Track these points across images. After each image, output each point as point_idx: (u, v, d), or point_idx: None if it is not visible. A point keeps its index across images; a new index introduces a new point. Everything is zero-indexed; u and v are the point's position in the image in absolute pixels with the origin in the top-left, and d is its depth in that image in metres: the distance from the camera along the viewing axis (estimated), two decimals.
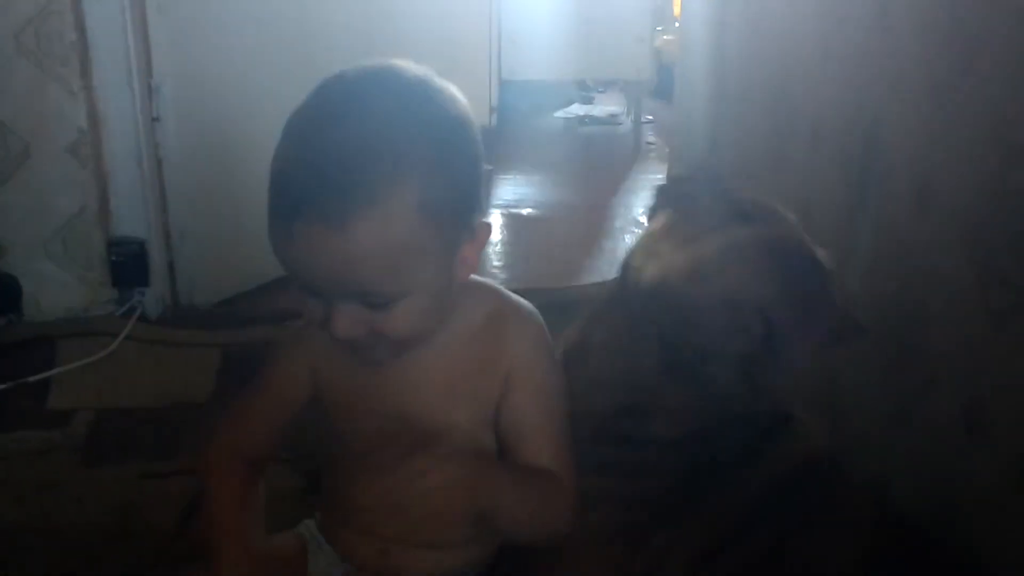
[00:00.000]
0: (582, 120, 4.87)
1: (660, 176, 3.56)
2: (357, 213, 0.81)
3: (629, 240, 3.03)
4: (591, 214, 3.35)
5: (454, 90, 0.93)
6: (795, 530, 0.98)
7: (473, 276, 0.98)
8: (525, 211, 3.36)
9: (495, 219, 3.29)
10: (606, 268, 2.77)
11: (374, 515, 1.02)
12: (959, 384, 1.10)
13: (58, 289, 2.16)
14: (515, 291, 1.05)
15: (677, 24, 4.51)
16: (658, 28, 4.42)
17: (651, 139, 4.36)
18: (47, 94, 2.04)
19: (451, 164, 0.87)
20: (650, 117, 4.50)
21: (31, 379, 1.90)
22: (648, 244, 1.04)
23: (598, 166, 4.10)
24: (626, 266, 1.06)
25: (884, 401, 1.29)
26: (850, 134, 1.42)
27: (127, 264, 2.17)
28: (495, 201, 3.46)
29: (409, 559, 1.05)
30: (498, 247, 3.06)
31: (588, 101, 5.09)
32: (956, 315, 1.11)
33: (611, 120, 4.82)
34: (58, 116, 2.06)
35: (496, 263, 2.87)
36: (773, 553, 0.97)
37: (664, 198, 1.10)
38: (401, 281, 0.86)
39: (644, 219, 1.14)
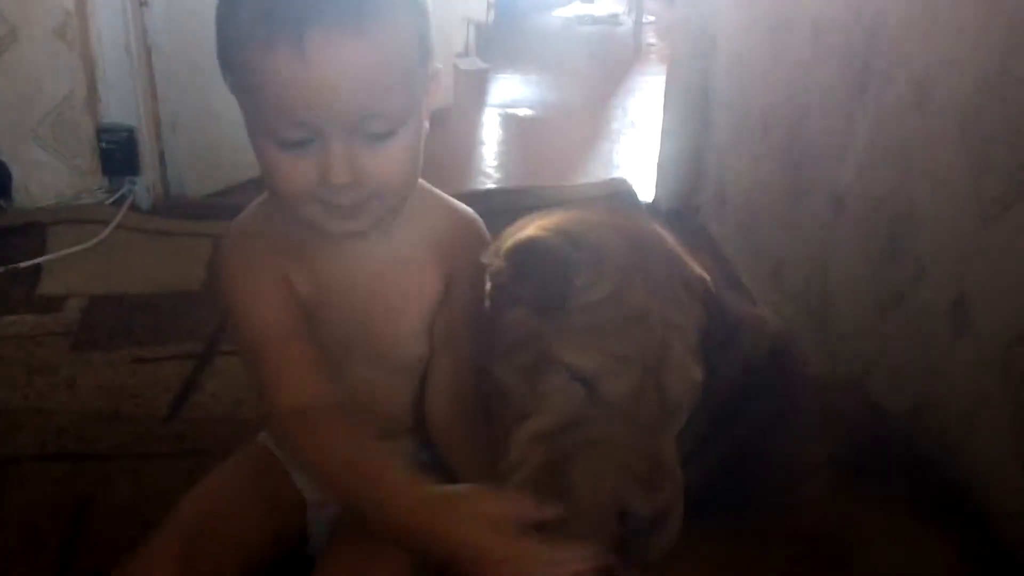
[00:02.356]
0: (581, 19, 4.77)
1: (659, 78, 3.51)
2: (372, 15, 0.81)
3: (625, 142, 3.01)
4: (589, 115, 3.30)
5: None
6: (765, 426, 0.99)
7: (422, 182, 0.99)
8: (521, 111, 3.31)
9: (492, 118, 3.25)
10: (601, 169, 2.75)
11: None
12: (947, 278, 1.10)
13: (48, 176, 2.14)
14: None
15: None
16: None
17: (652, 40, 4.28)
18: None
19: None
20: (651, 17, 4.41)
21: (22, 265, 1.90)
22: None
23: (596, 66, 4.03)
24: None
25: (872, 296, 1.29)
26: (851, 30, 1.39)
27: (117, 152, 2.14)
28: (491, 100, 3.41)
29: None
30: (494, 147, 3.03)
31: (588, 0, 4.98)
32: (948, 208, 1.11)
33: (611, 20, 4.73)
34: None
35: (491, 163, 2.85)
36: (745, 452, 0.98)
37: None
38: (401, 102, 0.86)
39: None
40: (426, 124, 0.92)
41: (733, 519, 0.92)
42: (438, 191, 1.05)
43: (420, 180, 0.98)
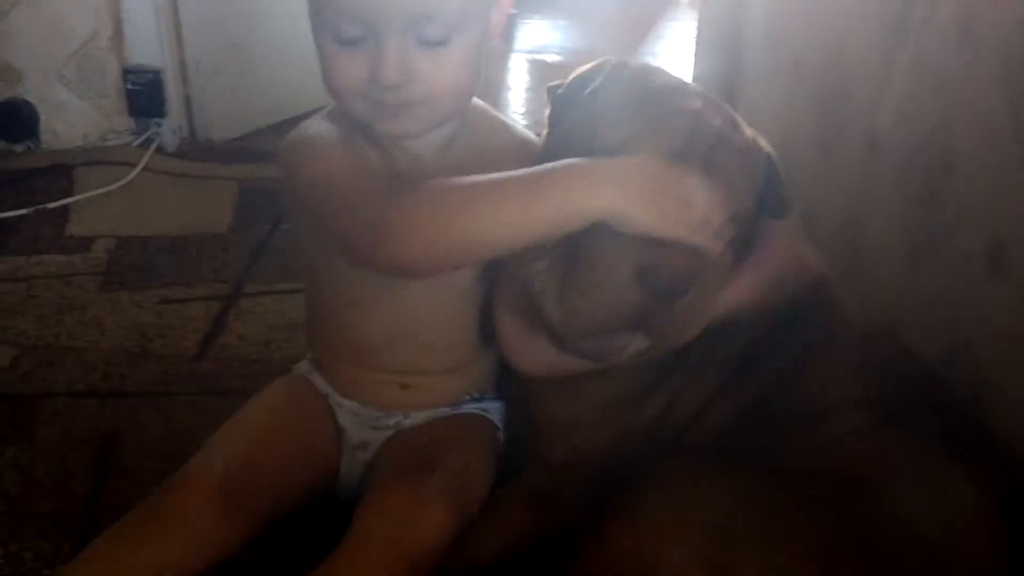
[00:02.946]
0: None
1: (691, 23, 3.44)
2: None
3: None
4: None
5: None
6: (801, 362, 0.97)
7: (482, 104, 0.99)
8: (549, 57, 3.27)
9: (519, 63, 3.20)
10: None
11: (388, 351, 1.03)
12: (985, 221, 1.08)
13: (75, 116, 2.14)
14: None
15: None
16: None
17: None
18: None
19: None
20: None
21: (50, 205, 1.91)
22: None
23: (628, 11, 3.97)
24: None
25: (907, 244, 1.27)
26: None
27: (143, 94, 2.14)
28: (518, 46, 3.37)
29: (430, 387, 1.06)
30: (521, 93, 2.99)
31: None
32: (988, 151, 1.08)
33: None
34: None
35: (519, 109, 2.81)
36: (773, 391, 0.97)
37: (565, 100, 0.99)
38: (458, 7, 0.86)
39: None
40: (494, 41, 0.92)
41: (756, 456, 0.91)
42: (498, 113, 1.04)
43: (480, 102, 0.98)
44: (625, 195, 0.82)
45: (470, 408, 1.09)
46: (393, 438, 1.06)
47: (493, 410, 1.11)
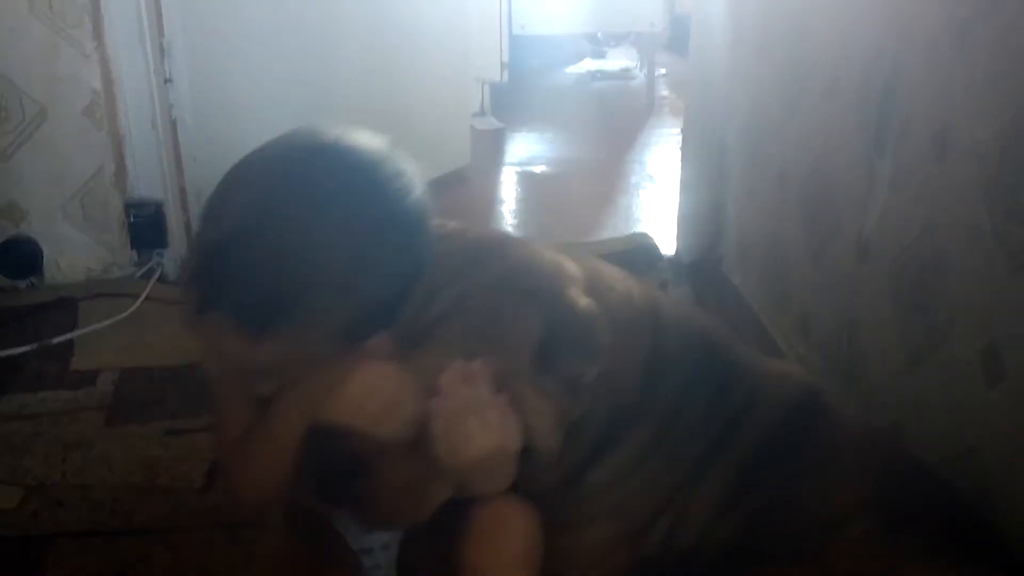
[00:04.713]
0: (594, 75, 4.82)
1: (675, 130, 3.54)
2: (268, 330, 0.84)
3: (644, 195, 3.03)
4: (606, 170, 3.33)
5: (406, 176, 0.90)
6: (796, 480, 0.98)
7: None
8: (538, 168, 3.35)
9: (509, 176, 3.28)
10: (622, 224, 2.76)
11: None
12: (977, 328, 1.10)
13: (78, 251, 2.18)
14: None
15: None
16: None
17: (665, 92, 4.32)
18: (61, 56, 2.05)
19: (368, 282, 0.86)
20: (663, 70, 4.46)
21: (54, 340, 1.93)
22: None
23: (611, 121, 4.08)
24: None
25: (903, 346, 1.29)
26: (868, 81, 1.41)
27: (145, 226, 2.18)
28: (508, 159, 3.45)
29: None
30: (512, 205, 3.06)
31: (600, 55, 5.04)
32: (973, 258, 1.11)
33: (624, 74, 4.78)
34: (72, 78, 2.07)
35: (511, 221, 2.87)
36: (776, 506, 0.97)
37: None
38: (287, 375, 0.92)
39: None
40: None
41: (770, 564, 0.91)
42: None
43: None
44: (311, 400, 0.91)
45: None
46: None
47: None
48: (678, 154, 2.38)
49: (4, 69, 2.03)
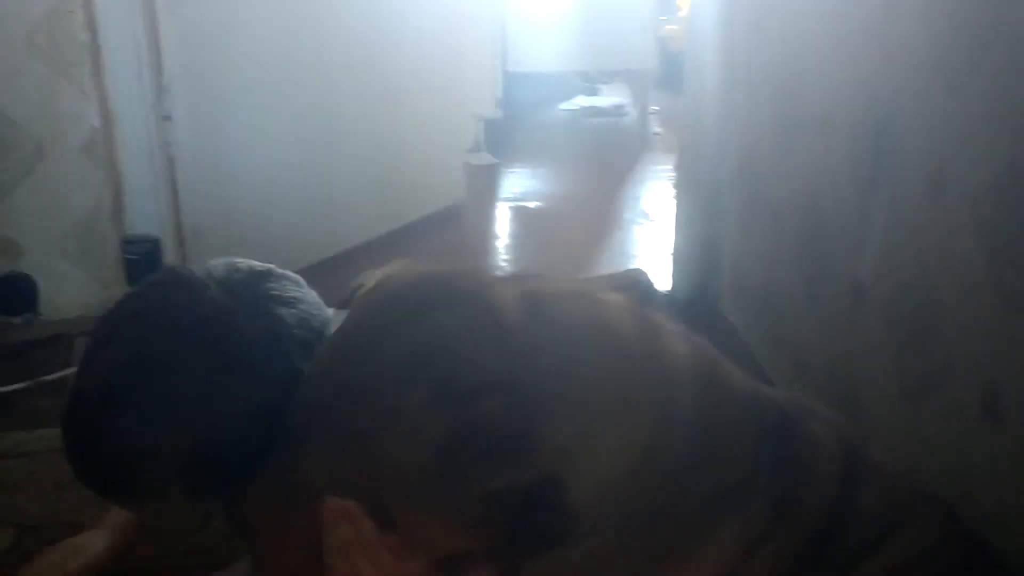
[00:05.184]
0: (587, 111, 4.87)
1: (668, 167, 3.56)
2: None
3: (638, 231, 3.04)
4: (600, 206, 3.35)
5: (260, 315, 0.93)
6: (833, 503, 0.94)
7: None
8: (532, 204, 3.36)
9: (503, 212, 3.29)
10: (616, 260, 2.78)
11: None
12: (975, 369, 1.11)
13: (74, 288, 2.18)
14: None
15: (681, 13, 4.51)
16: (662, 17, 4.41)
17: (657, 129, 4.36)
18: (60, 94, 2.06)
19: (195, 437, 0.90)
20: (656, 107, 4.50)
21: (49, 377, 1.92)
22: None
23: (605, 157, 4.11)
24: None
25: (899, 387, 1.30)
26: (862, 121, 1.42)
27: (142, 262, 2.18)
28: (503, 194, 3.47)
29: None
30: (507, 240, 3.07)
31: (593, 92, 5.09)
32: (970, 299, 1.12)
33: (617, 111, 4.82)
34: (71, 116, 2.08)
35: (506, 256, 2.88)
36: (821, 530, 0.93)
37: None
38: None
39: None
40: None
41: None
42: None
43: None
44: None
45: None
46: None
47: None
48: (672, 191, 2.40)
49: (2, 106, 2.03)
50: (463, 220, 3.09)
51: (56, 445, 1.65)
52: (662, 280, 2.43)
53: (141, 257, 2.18)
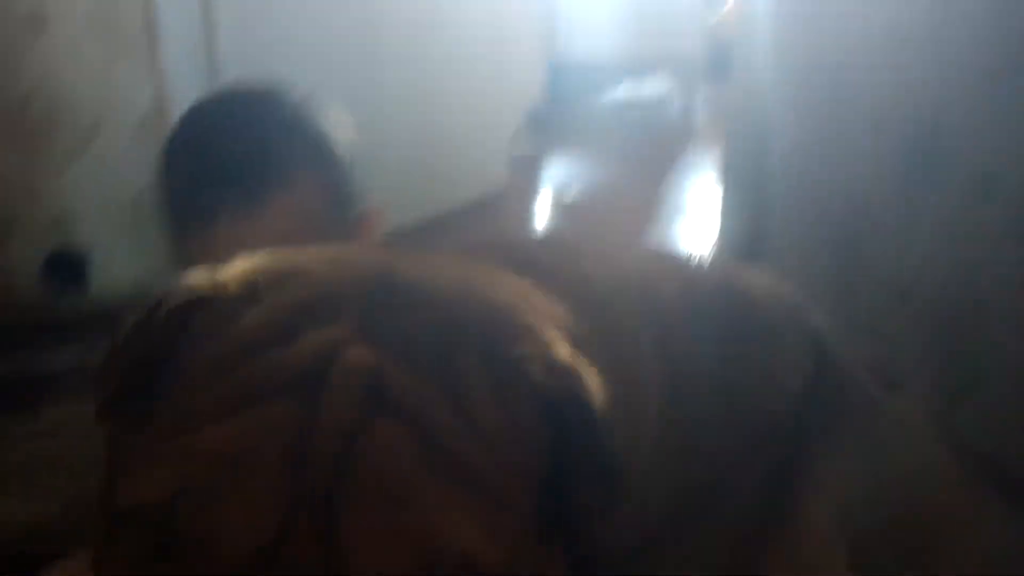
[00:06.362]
0: (631, 102, 4.84)
1: (711, 159, 3.55)
2: (270, 193, 0.97)
3: (680, 224, 3.04)
4: (642, 198, 3.34)
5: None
6: None
7: None
8: (575, 195, 3.37)
9: (543, 202, 3.30)
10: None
11: None
12: (1018, 373, 1.11)
13: (125, 265, 2.22)
14: None
15: (730, 3, 4.47)
16: (710, 7, 4.39)
17: (702, 121, 4.34)
18: (116, 73, 2.10)
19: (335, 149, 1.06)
20: (702, 99, 4.48)
21: (96, 357, 1.95)
22: None
23: (648, 149, 4.09)
24: None
25: (939, 390, 1.29)
26: (913, 121, 1.41)
27: None
28: (544, 185, 3.48)
29: None
30: (546, 231, 3.08)
31: (639, 83, 5.07)
32: (1017, 304, 1.12)
33: (661, 102, 4.80)
34: (127, 94, 2.12)
35: None
36: None
37: None
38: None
39: None
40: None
41: None
42: None
43: None
44: None
45: None
46: None
47: None
48: (713, 183, 2.39)
49: (58, 82, 2.08)
50: (503, 209, 3.10)
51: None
52: None
53: None
